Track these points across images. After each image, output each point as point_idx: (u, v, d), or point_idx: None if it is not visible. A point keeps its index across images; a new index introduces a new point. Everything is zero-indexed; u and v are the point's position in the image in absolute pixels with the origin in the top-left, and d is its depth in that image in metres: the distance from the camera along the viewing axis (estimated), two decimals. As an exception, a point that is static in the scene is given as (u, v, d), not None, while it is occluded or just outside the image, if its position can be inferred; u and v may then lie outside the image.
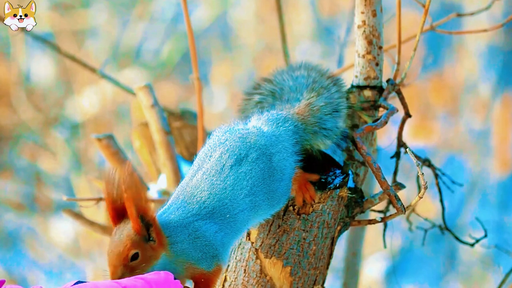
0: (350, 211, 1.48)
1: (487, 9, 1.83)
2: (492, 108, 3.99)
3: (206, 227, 1.32)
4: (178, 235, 1.31)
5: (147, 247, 1.29)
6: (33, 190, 4.01)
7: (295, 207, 1.41)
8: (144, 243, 1.29)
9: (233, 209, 1.33)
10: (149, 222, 1.28)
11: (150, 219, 1.28)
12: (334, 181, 1.43)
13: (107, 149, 1.83)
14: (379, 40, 1.52)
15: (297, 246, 1.42)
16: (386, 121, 1.48)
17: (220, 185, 1.33)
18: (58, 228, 3.88)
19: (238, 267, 1.45)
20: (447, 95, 4.05)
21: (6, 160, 4.04)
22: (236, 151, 1.36)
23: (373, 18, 1.51)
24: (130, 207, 1.25)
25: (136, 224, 1.27)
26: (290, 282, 1.43)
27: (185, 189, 1.35)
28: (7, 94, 3.90)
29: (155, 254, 1.30)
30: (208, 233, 1.32)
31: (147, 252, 1.29)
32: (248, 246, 1.44)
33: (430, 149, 3.86)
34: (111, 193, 1.28)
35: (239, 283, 1.44)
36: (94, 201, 1.69)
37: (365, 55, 1.52)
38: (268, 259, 1.43)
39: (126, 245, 1.27)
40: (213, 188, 1.33)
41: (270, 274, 1.43)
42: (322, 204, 1.42)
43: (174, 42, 4.01)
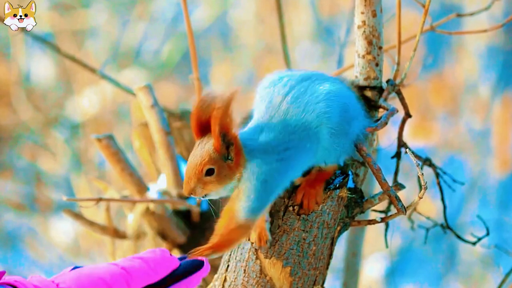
0: (350, 212, 1.48)
1: (487, 10, 1.83)
2: (492, 108, 3.99)
3: (279, 164, 1.34)
4: (254, 160, 1.33)
5: (223, 165, 1.31)
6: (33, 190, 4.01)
7: (295, 207, 1.41)
8: (221, 161, 1.31)
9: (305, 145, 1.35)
10: (230, 141, 1.30)
11: (232, 139, 1.30)
12: (333, 181, 1.43)
13: (107, 149, 1.83)
14: (379, 41, 1.52)
15: (297, 246, 1.42)
16: (386, 122, 1.48)
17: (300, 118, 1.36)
18: (58, 228, 3.88)
19: (238, 267, 1.45)
20: (447, 95, 4.05)
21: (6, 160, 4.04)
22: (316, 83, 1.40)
23: (373, 18, 1.51)
24: (214, 124, 1.27)
25: (217, 141, 1.29)
26: (290, 282, 1.43)
27: (269, 117, 1.36)
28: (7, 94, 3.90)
29: (230, 174, 1.32)
30: (279, 170, 1.34)
31: (223, 171, 1.31)
32: (248, 246, 1.44)
33: (430, 149, 3.87)
34: (201, 106, 1.30)
35: (239, 283, 1.44)
36: (94, 201, 1.69)
37: (365, 56, 1.52)
38: (268, 259, 1.43)
39: (204, 160, 1.30)
40: (289, 125, 1.35)
41: (270, 274, 1.43)
42: (321, 204, 1.42)
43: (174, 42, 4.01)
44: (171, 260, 1.20)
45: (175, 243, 1.86)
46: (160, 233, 1.85)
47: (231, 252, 1.46)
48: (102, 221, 1.90)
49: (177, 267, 1.20)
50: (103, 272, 1.14)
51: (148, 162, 1.94)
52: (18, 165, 4.05)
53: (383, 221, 1.48)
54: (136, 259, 1.18)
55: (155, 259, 1.18)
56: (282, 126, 1.36)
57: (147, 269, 1.16)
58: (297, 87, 1.39)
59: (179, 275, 1.19)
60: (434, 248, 3.65)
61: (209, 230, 1.37)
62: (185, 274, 1.20)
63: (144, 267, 1.17)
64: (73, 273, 1.15)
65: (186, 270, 1.20)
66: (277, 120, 1.36)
